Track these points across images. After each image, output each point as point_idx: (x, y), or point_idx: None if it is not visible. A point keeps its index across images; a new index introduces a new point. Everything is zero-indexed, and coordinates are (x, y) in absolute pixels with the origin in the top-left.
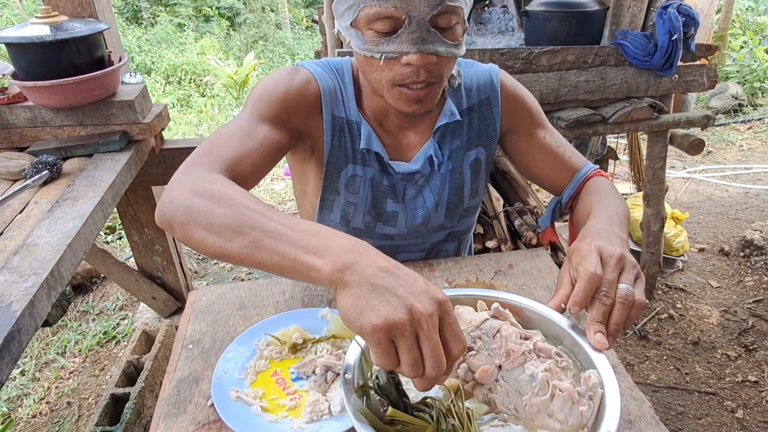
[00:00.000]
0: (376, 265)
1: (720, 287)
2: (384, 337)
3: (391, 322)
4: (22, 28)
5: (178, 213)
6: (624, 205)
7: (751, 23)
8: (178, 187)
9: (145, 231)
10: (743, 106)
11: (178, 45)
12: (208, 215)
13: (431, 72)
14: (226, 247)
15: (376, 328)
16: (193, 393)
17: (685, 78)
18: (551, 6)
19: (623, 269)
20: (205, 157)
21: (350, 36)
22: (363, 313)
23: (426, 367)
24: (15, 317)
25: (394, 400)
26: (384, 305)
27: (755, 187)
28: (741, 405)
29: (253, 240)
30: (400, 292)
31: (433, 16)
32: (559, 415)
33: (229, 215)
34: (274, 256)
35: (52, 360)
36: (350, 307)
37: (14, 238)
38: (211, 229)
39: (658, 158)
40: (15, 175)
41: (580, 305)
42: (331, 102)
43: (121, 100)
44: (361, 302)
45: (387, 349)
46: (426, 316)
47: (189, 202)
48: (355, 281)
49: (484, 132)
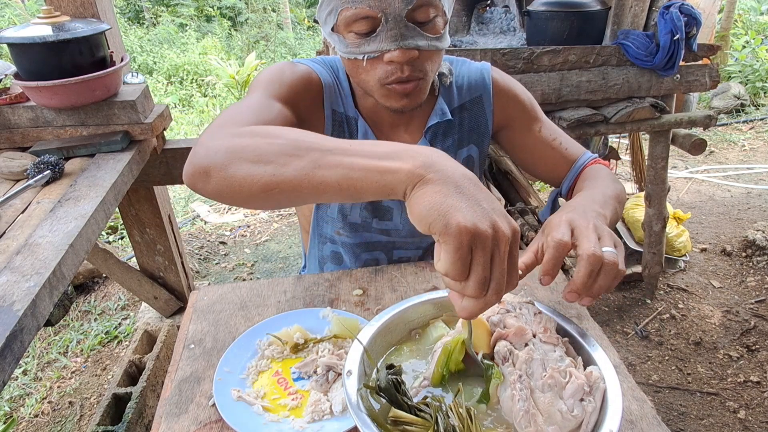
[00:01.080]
0: (461, 170)
1: (722, 287)
2: (467, 242)
3: (478, 230)
4: (25, 28)
5: (218, 156)
6: (616, 187)
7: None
8: (210, 139)
9: (147, 231)
10: (745, 106)
11: (179, 45)
12: (256, 147)
13: (415, 66)
14: (279, 173)
15: (463, 230)
16: (194, 393)
17: (687, 78)
18: (553, 6)
19: (600, 236)
20: (226, 124)
21: (334, 41)
22: (450, 212)
23: (490, 288)
24: (17, 317)
25: (396, 400)
26: (472, 211)
27: (757, 187)
28: (743, 405)
29: (313, 159)
30: (485, 205)
31: (409, 11)
32: (568, 401)
33: (280, 143)
34: (338, 170)
35: (54, 360)
36: (434, 203)
37: (16, 237)
38: (260, 160)
39: (660, 158)
40: (17, 175)
41: (550, 274)
42: (331, 97)
43: (122, 100)
44: (448, 200)
45: (465, 256)
46: (506, 239)
47: (230, 143)
48: (439, 179)
49: (475, 130)
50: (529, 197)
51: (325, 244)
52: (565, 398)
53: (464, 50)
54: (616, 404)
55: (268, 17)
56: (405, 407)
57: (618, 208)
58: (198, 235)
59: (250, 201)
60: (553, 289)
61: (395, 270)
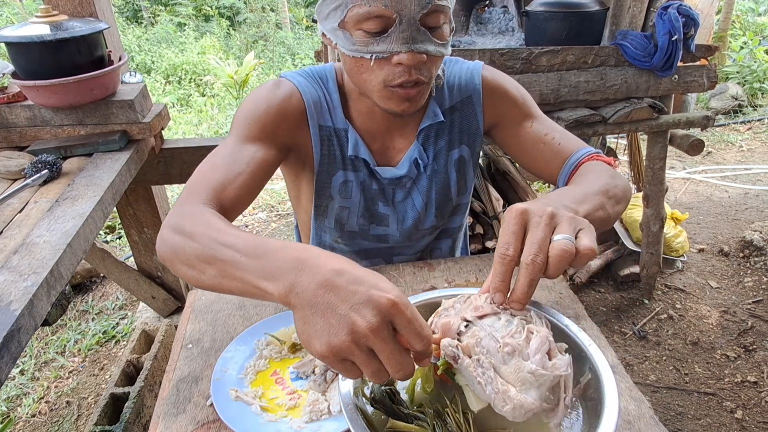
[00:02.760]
0: (316, 281)
1: (719, 288)
2: (336, 360)
3: (335, 347)
4: (22, 27)
5: (166, 251)
6: (606, 182)
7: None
8: (166, 226)
9: (145, 230)
10: (743, 106)
11: (178, 44)
12: (186, 251)
13: (421, 71)
14: (201, 279)
15: (324, 355)
16: (192, 392)
17: (685, 78)
18: (551, 6)
19: (557, 224)
20: (194, 189)
21: (337, 38)
22: (310, 340)
23: (390, 372)
24: (14, 316)
25: (392, 410)
26: (326, 329)
27: (755, 187)
28: (740, 405)
29: (219, 270)
30: (340, 310)
31: (423, 15)
32: (535, 357)
33: (200, 249)
34: (237, 283)
35: (52, 359)
36: (300, 332)
37: (14, 237)
38: (189, 264)
39: (657, 159)
40: (15, 174)
41: (500, 290)
42: (316, 113)
43: (120, 100)
44: (307, 328)
45: (344, 367)
46: (371, 330)
47: (171, 240)
48: (298, 304)
49: (466, 130)
50: (527, 197)
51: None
52: (532, 356)
53: (463, 50)
54: (613, 404)
55: (267, 17)
56: (402, 417)
57: (606, 203)
58: None
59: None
60: (551, 289)
61: (393, 270)
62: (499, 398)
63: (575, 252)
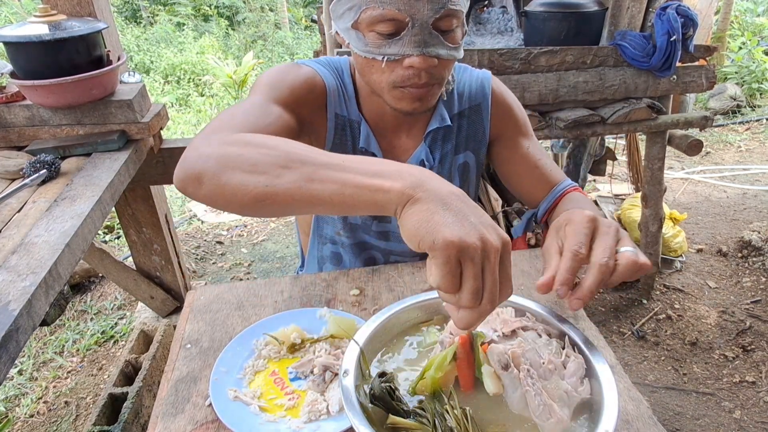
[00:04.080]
0: (447, 188)
1: (718, 288)
2: (454, 256)
3: (465, 243)
4: (21, 26)
5: (209, 162)
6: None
7: (749, 24)
8: (203, 144)
9: (144, 230)
10: (741, 107)
11: (177, 44)
12: (249, 157)
13: (432, 74)
14: (273, 184)
15: (450, 244)
16: (191, 393)
17: (684, 79)
18: (550, 6)
19: (620, 238)
20: (220, 129)
21: (350, 37)
22: (437, 228)
23: (484, 298)
24: (13, 316)
25: (391, 407)
26: (458, 225)
27: (753, 187)
28: (739, 405)
29: (306, 173)
30: (472, 219)
31: (435, 20)
32: (571, 379)
33: (274, 154)
34: (331, 185)
35: (50, 359)
36: (423, 221)
37: (12, 237)
38: (254, 170)
39: (656, 159)
40: (13, 174)
41: (567, 284)
42: (334, 100)
43: (119, 100)
44: (435, 217)
45: (454, 269)
46: (495, 249)
47: (223, 151)
48: (427, 197)
49: (472, 137)
50: None
51: (325, 244)
52: (568, 377)
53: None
54: (612, 404)
55: (266, 16)
56: (402, 413)
57: None
58: (195, 234)
59: (243, 209)
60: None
61: (392, 270)
62: (546, 411)
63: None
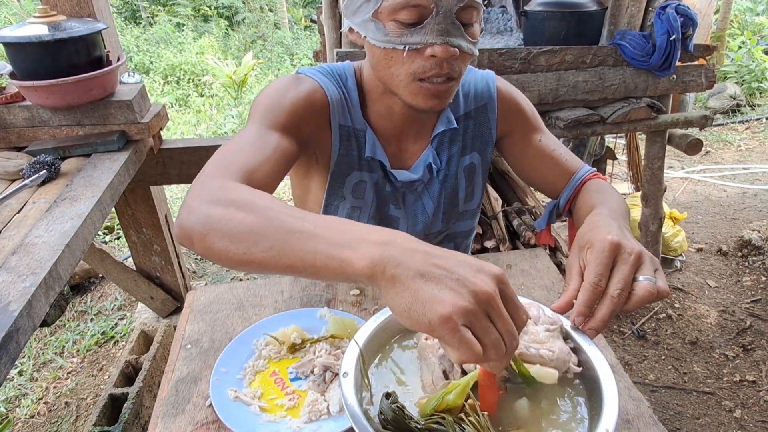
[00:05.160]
0: (419, 254)
1: (718, 287)
2: (457, 326)
3: (461, 308)
4: (21, 27)
5: (197, 224)
6: (624, 203)
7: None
8: (195, 198)
9: (144, 231)
10: (741, 106)
11: (176, 45)
12: (228, 222)
13: (453, 66)
14: (250, 252)
15: (447, 318)
16: (191, 393)
17: (684, 78)
18: (550, 6)
19: (641, 264)
20: (219, 169)
21: (367, 30)
22: (427, 305)
23: (505, 341)
24: (13, 317)
25: (405, 427)
26: (447, 292)
27: (753, 187)
28: (739, 404)
29: (279, 242)
30: (456, 275)
31: (459, 9)
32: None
33: (251, 220)
34: (304, 255)
35: (51, 360)
36: (411, 302)
37: (12, 237)
38: (233, 237)
39: (656, 158)
40: (13, 174)
41: (583, 314)
42: (338, 111)
43: (119, 100)
44: (421, 295)
45: (464, 337)
46: (491, 296)
47: (208, 212)
48: (402, 275)
49: (479, 137)
50: (526, 197)
51: None
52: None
53: None
54: (612, 404)
55: (265, 17)
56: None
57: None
58: None
59: (233, 269)
60: (550, 288)
61: None
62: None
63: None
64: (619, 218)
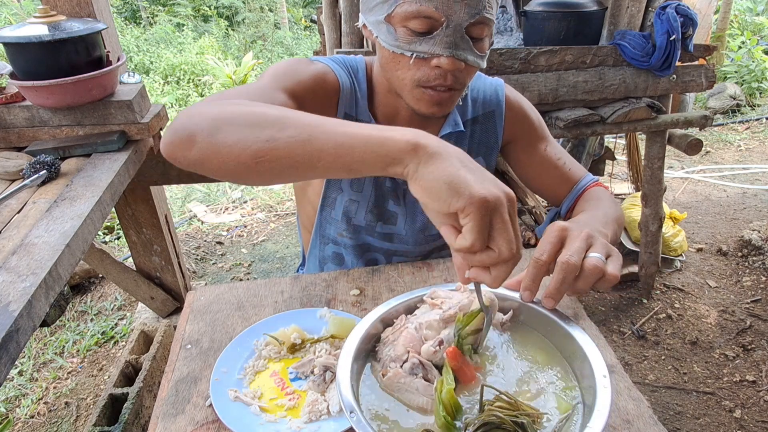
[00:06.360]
0: (452, 149)
1: (718, 287)
2: (487, 211)
3: (495, 197)
4: (20, 27)
5: (205, 122)
6: (617, 210)
7: (749, 23)
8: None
9: (144, 231)
10: (741, 106)
11: (176, 45)
12: (250, 114)
13: (457, 78)
14: (275, 138)
15: (484, 200)
16: (191, 393)
17: (684, 78)
18: (550, 6)
19: (591, 244)
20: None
21: (379, 31)
22: (468, 184)
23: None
24: (13, 317)
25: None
26: (482, 182)
27: (753, 187)
28: (739, 405)
29: (311, 127)
30: (488, 176)
31: (470, 24)
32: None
33: (275, 112)
34: (337, 138)
35: (50, 360)
36: (453, 176)
37: (12, 238)
38: (256, 125)
39: (656, 158)
40: (13, 175)
41: (530, 289)
42: (346, 100)
43: (119, 100)
44: (462, 174)
45: (487, 224)
46: (513, 201)
47: (220, 110)
48: (444, 154)
49: (484, 143)
50: (526, 197)
51: (327, 245)
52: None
53: None
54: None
55: (265, 17)
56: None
57: (617, 231)
58: (195, 235)
59: (236, 170)
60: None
61: (392, 270)
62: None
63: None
64: (603, 221)
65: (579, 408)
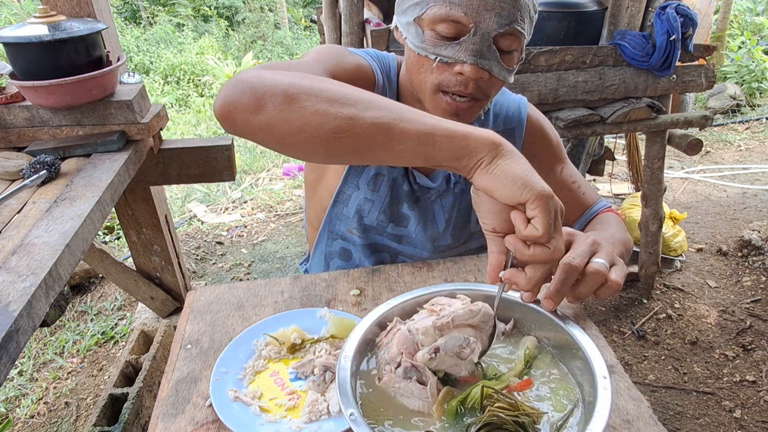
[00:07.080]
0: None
1: (718, 287)
2: (552, 208)
3: (557, 199)
4: (20, 27)
5: (279, 86)
6: (624, 235)
7: (749, 24)
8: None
9: (144, 231)
10: (741, 106)
11: (176, 45)
12: (331, 88)
13: (479, 87)
14: (359, 116)
15: (551, 195)
16: (191, 393)
17: (684, 78)
18: (550, 6)
19: (596, 251)
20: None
21: (408, 32)
22: (538, 181)
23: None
24: (13, 317)
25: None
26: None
27: (753, 187)
28: (739, 405)
29: (396, 110)
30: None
31: (499, 34)
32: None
33: (354, 92)
34: (422, 126)
35: (51, 360)
36: (527, 172)
37: (12, 238)
38: (339, 101)
39: (656, 158)
40: (13, 175)
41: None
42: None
43: (119, 100)
44: (532, 172)
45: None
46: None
47: (294, 80)
48: (518, 154)
49: None
50: None
51: (335, 240)
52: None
53: None
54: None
55: (265, 17)
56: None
57: (623, 253)
58: (195, 235)
59: (304, 144)
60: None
61: (392, 270)
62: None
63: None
64: (610, 241)
65: (579, 408)
